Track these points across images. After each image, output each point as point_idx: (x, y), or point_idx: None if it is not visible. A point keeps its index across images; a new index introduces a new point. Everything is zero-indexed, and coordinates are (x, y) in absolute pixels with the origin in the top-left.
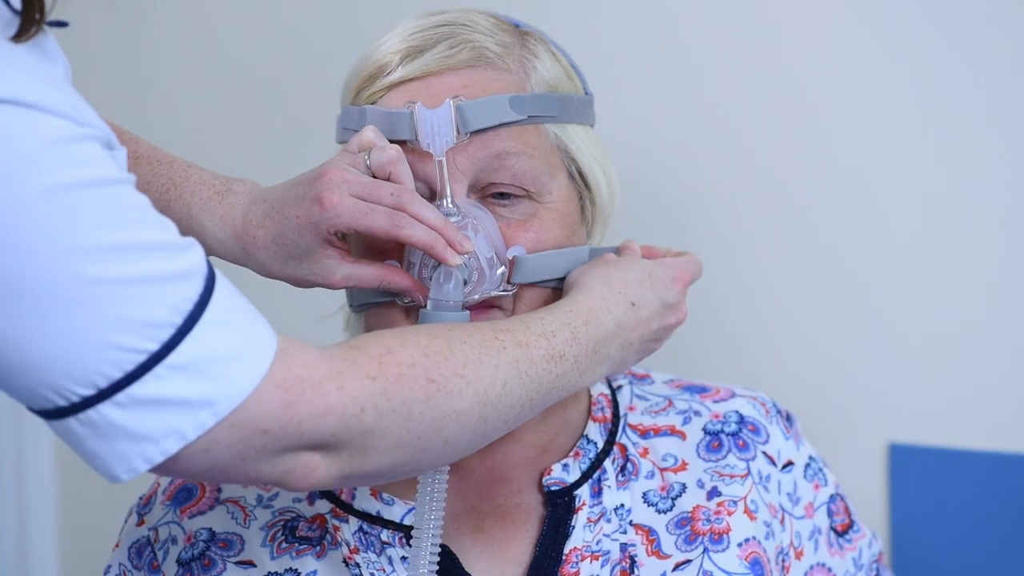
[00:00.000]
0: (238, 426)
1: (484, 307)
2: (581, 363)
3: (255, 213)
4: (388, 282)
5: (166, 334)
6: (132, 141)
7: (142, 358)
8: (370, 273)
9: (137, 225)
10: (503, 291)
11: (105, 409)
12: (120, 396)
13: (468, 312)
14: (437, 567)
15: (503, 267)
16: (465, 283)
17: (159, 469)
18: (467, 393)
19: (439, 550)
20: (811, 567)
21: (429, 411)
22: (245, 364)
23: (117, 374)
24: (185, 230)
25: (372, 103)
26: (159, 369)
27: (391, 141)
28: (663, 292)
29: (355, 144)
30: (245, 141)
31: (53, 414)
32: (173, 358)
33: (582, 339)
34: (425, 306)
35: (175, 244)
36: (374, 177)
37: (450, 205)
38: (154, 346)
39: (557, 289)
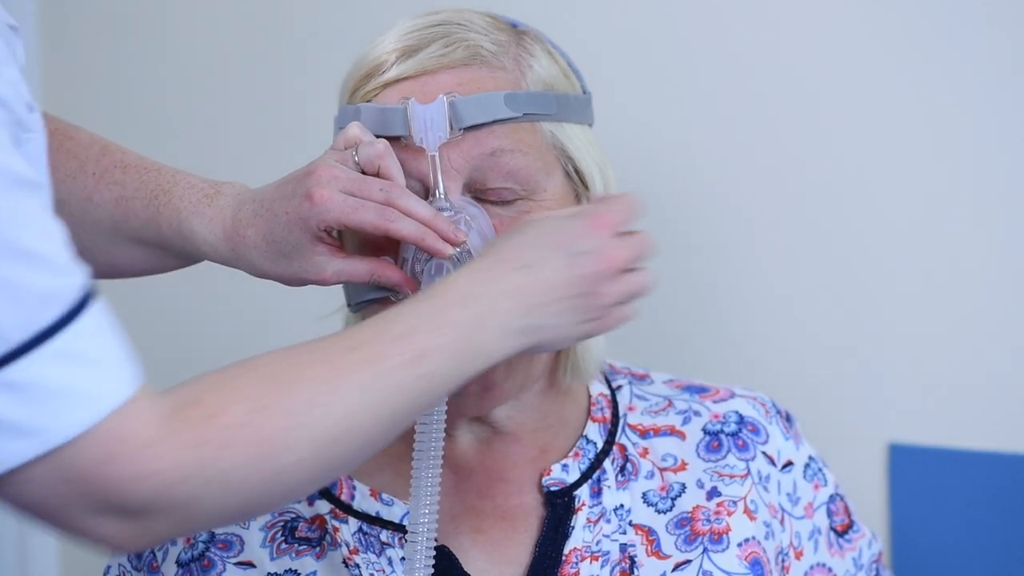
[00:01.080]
0: (54, 467)
1: None
2: (460, 348)
3: (244, 213)
4: (379, 276)
5: (5, 347)
6: (119, 151)
7: None
8: (361, 268)
9: (25, 228)
10: None
11: None
12: None
13: None
14: (433, 564)
15: None
16: None
17: None
18: (306, 442)
19: (434, 549)
20: (811, 567)
21: (256, 474)
22: (78, 405)
23: None
24: (175, 234)
25: (367, 101)
26: None
27: (385, 138)
28: (565, 242)
29: (341, 141)
30: (242, 143)
31: None
32: (7, 374)
33: (454, 323)
34: None
35: (55, 262)
36: (363, 173)
37: (443, 201)
38: None
39: None
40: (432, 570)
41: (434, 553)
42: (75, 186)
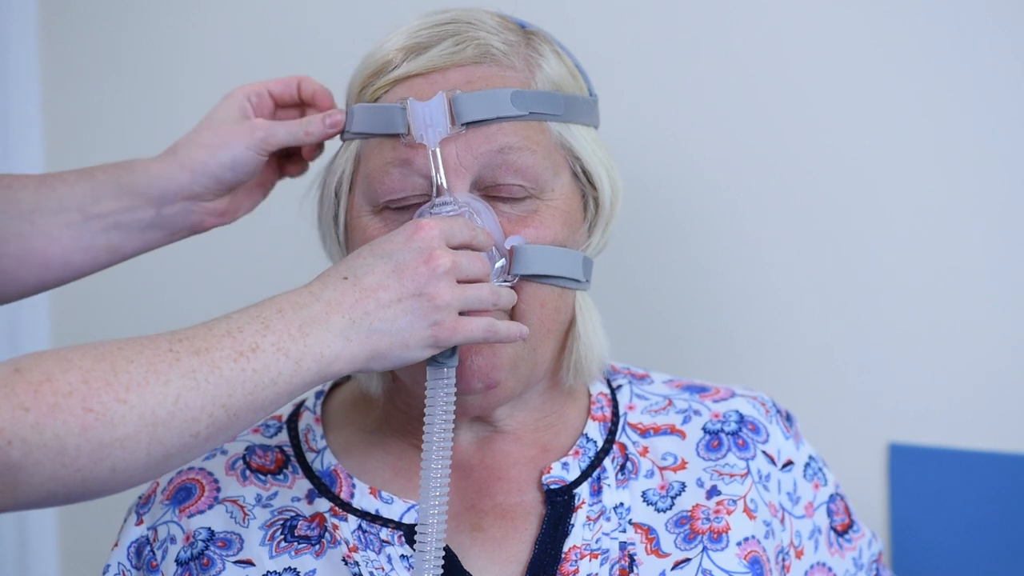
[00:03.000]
0: None
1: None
2: (287, 348)
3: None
4: None
5: None
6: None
7: None
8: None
9: None
10: (503, 282)
11: None
12: None
13: None
14: (443, 563)
15: (503, 259)
16: None
17: None
18: (130, 418)
19: (443, 552)
20: (811, 566)
21: (87, 443)
22: None
23: None
24: (156, 192)
25: (376, 99)
26: None
27: (385, 135)
28: (388, 249)
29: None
30: None
31: None
32: None
33: (278, 326)
34: None
35: None
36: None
37: (447, 196)
38: None
39: (556, 289)
40: (441, 570)
41: (443, 554)
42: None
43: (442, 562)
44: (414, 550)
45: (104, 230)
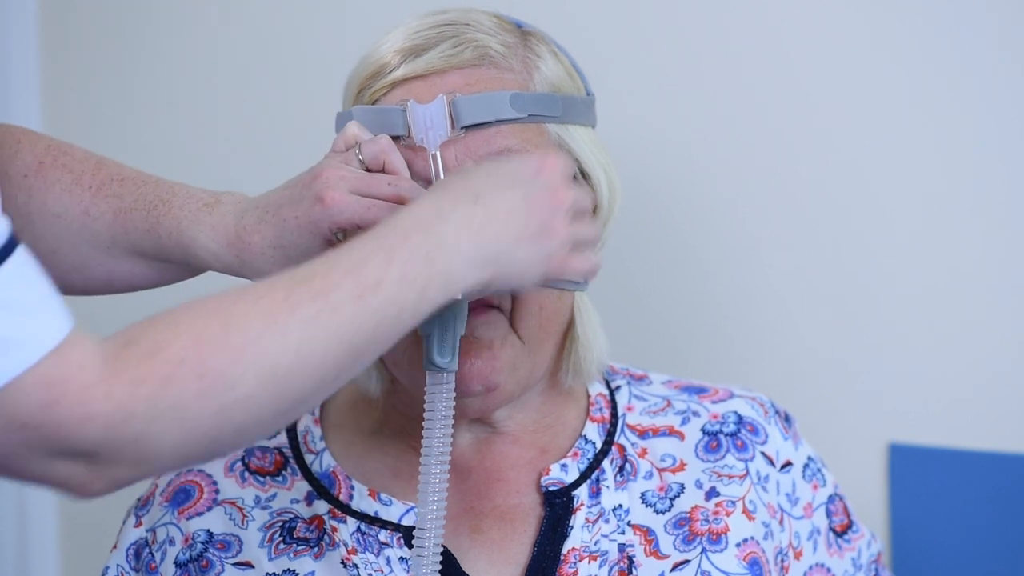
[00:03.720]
0: (1, 415)
1: (483, 307)
2: (412, 278)
3: (248, 220)
4: None
5: None
6: (116, 166)
7: None
8: None
9: None
10: None
11: None
12: None
13: (465, 301)
14: (440, 566)
15: None
16: None
17: None
18: (248, 377)
19: (441, 552)
20: (810, 567)
21: (206, 408)
22: (12, 350)
23: None
24: (176, 245)
25: (374, 101)
26: None
27: None
28: (519, 179)
29: (341, 142)
30: (244, 145)
31: None
32: None
33: (403, 254)
34: None
35: None
36: (368, 171)
37: None
38: None
39: (555, 291)
40: (439, 572)
41: (441, 557)
42: (71, 200)
43: (439, 565)
44: (412, 552)
45: (173, 274)
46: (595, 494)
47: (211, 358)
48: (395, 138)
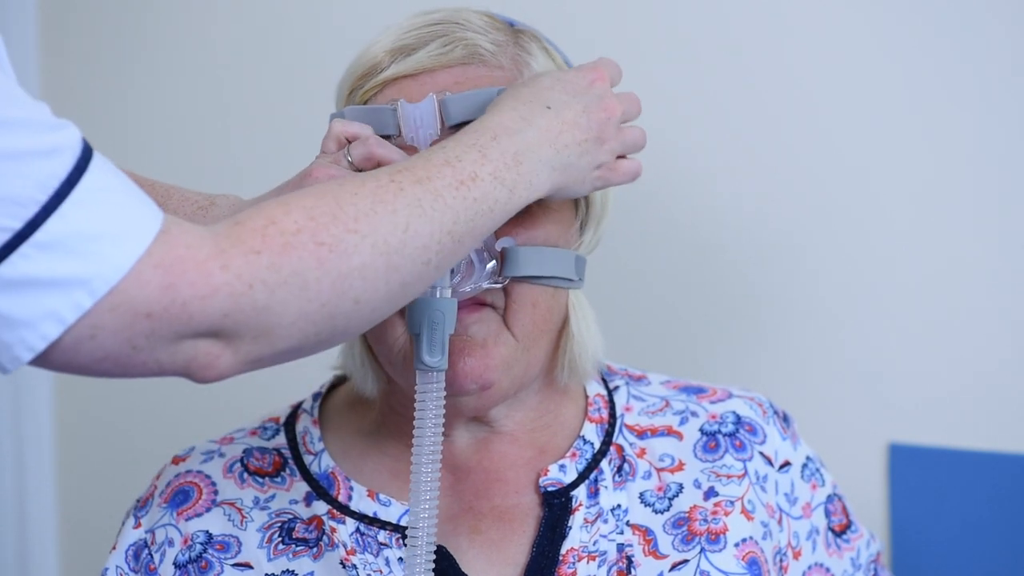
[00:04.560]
0: (118, 309)
1: (476, 305)
2: (503, 177)
3: None
4: None
5: (30, 212)
6: None
7: (7, 237)
8: None
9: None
10: (494, 284)
11: None
12: None
13: (455, 300)
14: (434, 565)
15: (493, 261)
16: (453, 272)
17: (48, 361)
18: (364, 247)
19: (434, 548)
20: (809, 567)
21: (326, 275)
22: (119, 242)
23: None
24: None
25: (365, 101)
26: (25, 248)
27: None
28: (578, 90)
29: (330, 142)
30: (241, 144)
31: None
32: (39, 236)
33: (494, 154)
34: None
35: (44, 122)
36: (359, 171)
37: None
38: (18, 224)
39: (548, 289)
40: (432, 573)
41: (434, 556)
42: None
43: (432, 564)
44: (405, 552)
45: None
46: (594, 494)
47: (327, 228)
48: (386, 137)
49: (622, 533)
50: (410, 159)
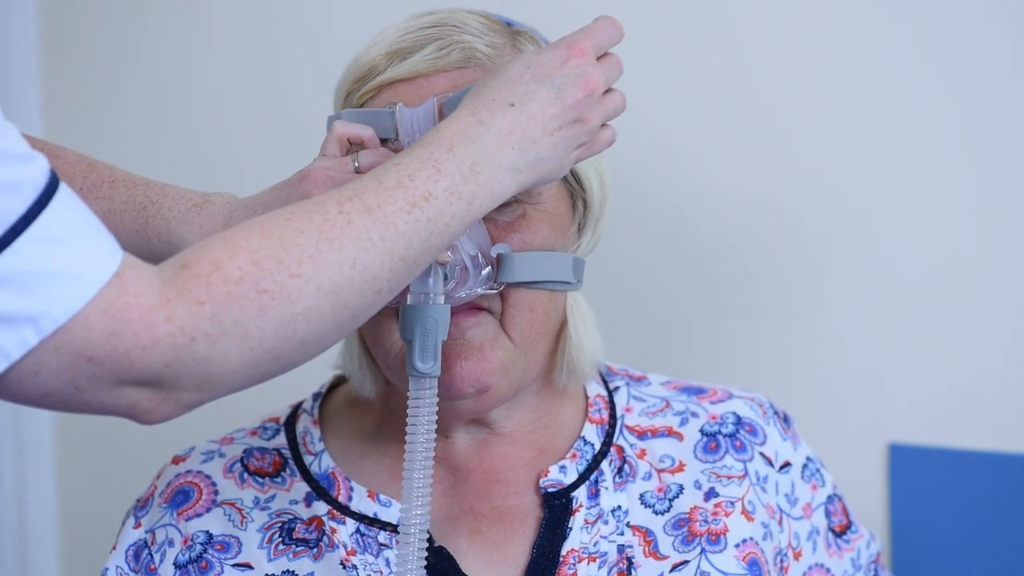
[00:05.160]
0: (62, 350)
1: (472, 309)
2: (460, 191)
3: (236, 219)
4: None
5: None
6: (107, 168)
7: None
8: None
9: None
10: (489, 289)
11: None
12: None
13: (448, 306)
14: (425, 564)
15: (488, 267)
16: (446, 278)
17: None
18: (308, 291)
19: (426, 550)
20: (809, 567)
21: (268, 323)
22: (71, 284)
23: None
24: (164, 245)
25: (362, 104)
26: None
27: None
28: (547, 74)
29: (330, 145)
30: (240, 145)
31: None
32: None
33: (449, 168)
34: (407, 300)
35: (12, 154)
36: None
37: None
38: None
39: (545, 292)
40: (424, 571)
41: (426, 554)
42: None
43: (424, 561)
44: (397, 552)
45: None
46: (594, 495)
47: (270, 274)
48: (383, 140)
49: (622, 534)
50: (360, 182)
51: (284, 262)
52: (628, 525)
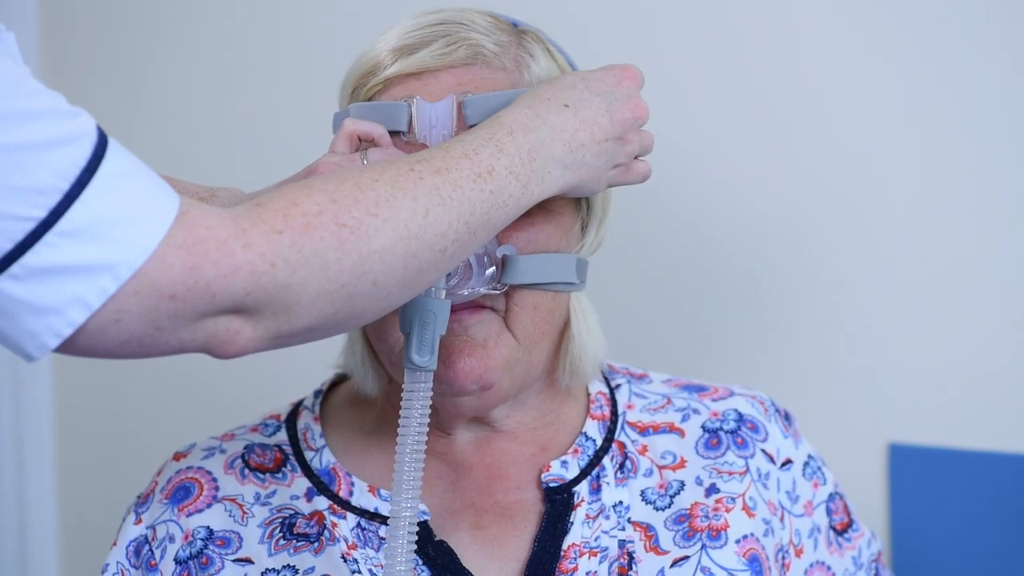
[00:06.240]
0: (143, 292)
1: (475, 308)
2: (518, 172)
3: None
4: None
5: (53, 200)
6: None
7: (31, 226)
8: None
9: (15, 94)
10: (493, 290)
11: (3, 284)
12: (15, 268)
13: (448, 302)
14: (416, 545)
15: (493, 267)
16: (449, 274)
17: (74, 347)
18: (384, 231)
19: (415, 549)
20: (811, 565)
21: (347, 256)
22: (141, 226)
23: (8, 245)
24: None
25: (369, 99)
26: (50, 236)
27: None
28: (603, 89)
29: (341, 141)
30: (243, 143)
31: None
32: (63, 224)
33: (510, 149)
34: None
35: (60, 111)
36: None
37: None
38: (42, 213)
39: (550, 293)
40: (423, 564)
41: (416, 544)
42: None
43: (413, 553)
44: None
45: None
46: (595, 491)
47: (348, 210)
48: (395, 133)
49: (623, 530)
50: (427, 151)
51: (361, 201)
52: (629, 520)
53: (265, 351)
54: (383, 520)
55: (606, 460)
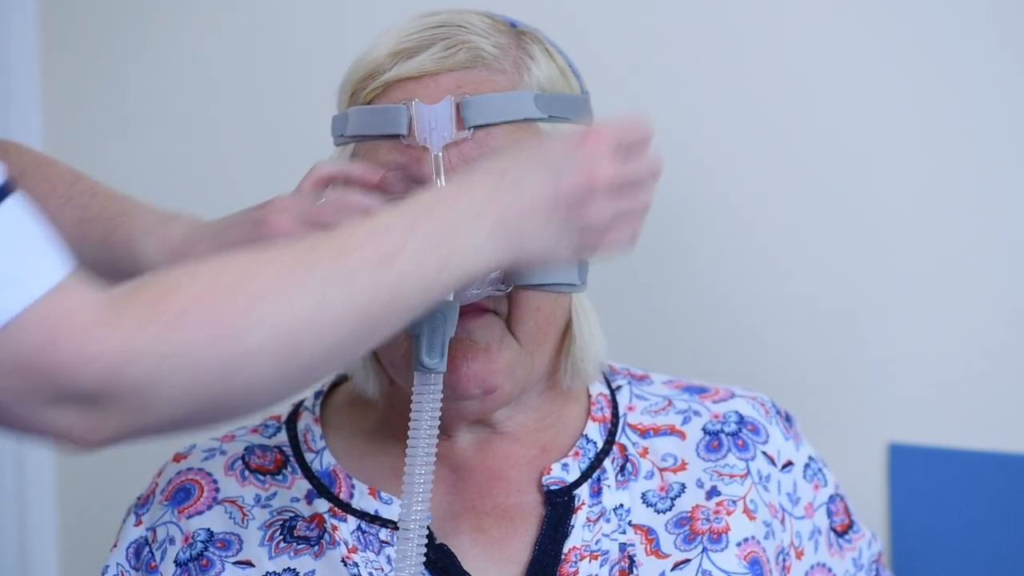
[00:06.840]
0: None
1: (479, 311)
2: (433, 250)
3: (194, 235)
4: None
5: None
6: (93, 183)
7: None
8: None
9: None
10: (497, 291)
11: None
12: None
13: (457, 303)
14: (425, 557)
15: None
16: None
17: None
18: (259, 331)
19: (424, 551)
20: (811, 567)
21: (212, 357)
22: (8, 290)
23: None
24: (126, 255)
25: (368, 102)
26: None
27: (383, 136)
28: (550, 158)
29: (307, 183)
30: (241, 144)
31: None
32: None
33: (424, 227)
34: None
35: None
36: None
37: None
38: None
39: (552, 294)
40: (423, 567)
41: (425, 550)
42: (39, 207)
43: (423, 557)
44: (395, 548)
45: None
46: (596, 493)
47: (222, 307)
48: (394, 137)
49: (624, 533)
50: (333, 231)
51: (239, 297)
52: (630, 523)
53: (127, 444)
54: (383, 523)
55: (607, 462)
